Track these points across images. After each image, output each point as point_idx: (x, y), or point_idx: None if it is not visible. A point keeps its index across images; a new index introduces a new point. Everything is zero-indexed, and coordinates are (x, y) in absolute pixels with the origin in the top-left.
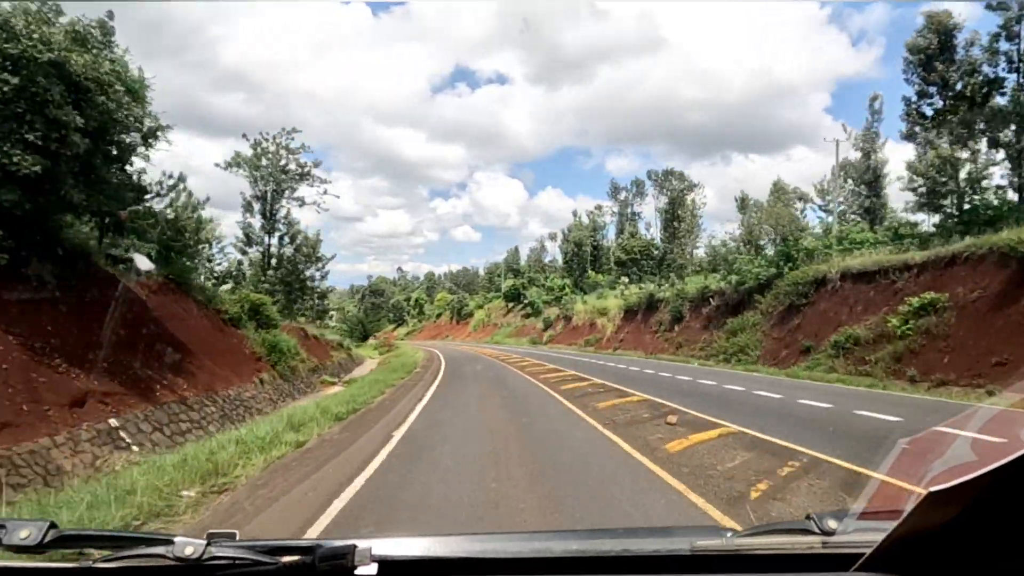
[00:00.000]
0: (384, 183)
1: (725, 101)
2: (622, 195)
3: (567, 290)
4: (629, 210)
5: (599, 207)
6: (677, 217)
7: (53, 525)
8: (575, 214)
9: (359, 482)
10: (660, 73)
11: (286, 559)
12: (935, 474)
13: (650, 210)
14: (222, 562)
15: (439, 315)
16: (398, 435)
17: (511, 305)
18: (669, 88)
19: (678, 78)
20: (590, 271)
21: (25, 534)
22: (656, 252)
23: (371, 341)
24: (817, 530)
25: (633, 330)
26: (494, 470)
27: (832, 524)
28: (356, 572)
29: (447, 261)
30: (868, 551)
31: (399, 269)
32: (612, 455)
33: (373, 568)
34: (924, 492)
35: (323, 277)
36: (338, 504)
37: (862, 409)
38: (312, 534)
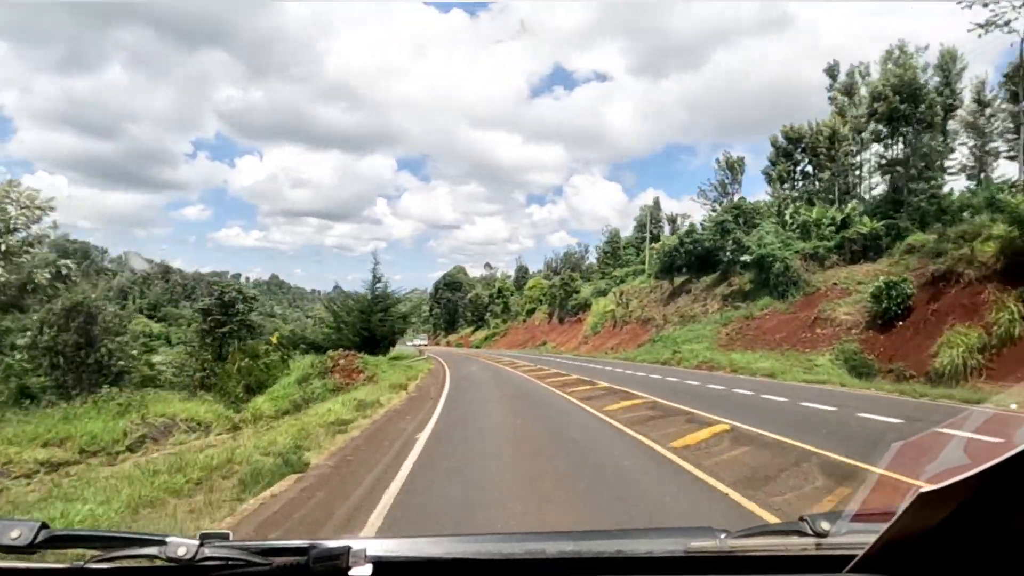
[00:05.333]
0: (481, 189)
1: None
2: None
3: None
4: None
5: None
6: None
7: (44, 525)
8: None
9: None
10: (782, 54)
11: (280, 560)
12: (929, 475)
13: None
14: (215, 563)
15: (531, 311)
16: None
17: (680, 281)
18: (791, 71)
19: (802, 58)
20: None
21: (15, 534)
22: None
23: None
24: (810, 531)
25: None
26: None
27: (825, 526)
28: (350, 573)
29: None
30: (861, 552)
31: (487, 265)
32: None
33: (368, 569)
34: (916, 493)
35: None
36: None
37: None
38: None
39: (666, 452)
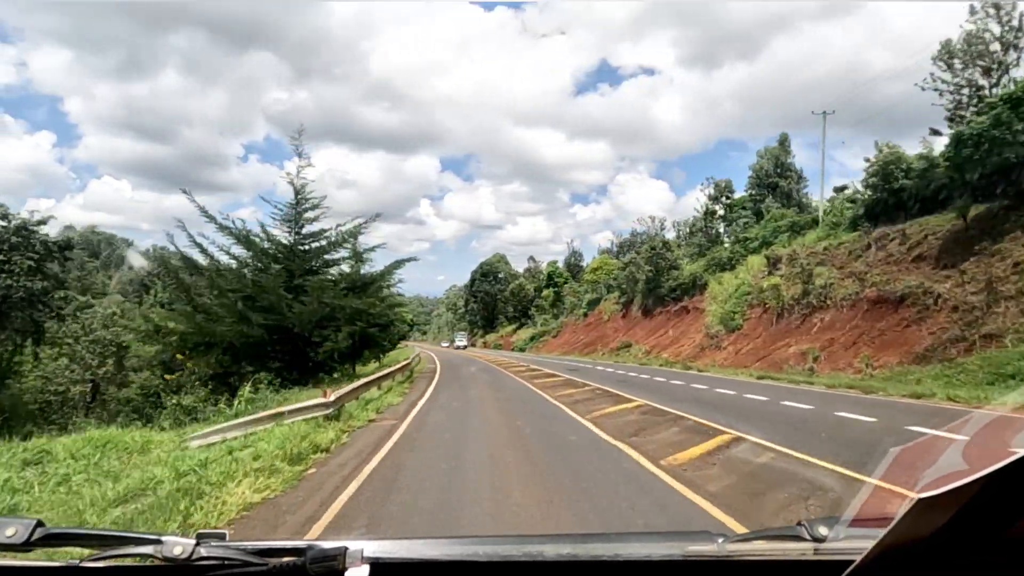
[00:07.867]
0: (524, 188)
1: (930, 65)
2: None
3: None
4: None
5: None
6: None
7: (40, 523)
8: None
9: None
10: (846, 41)
11: (276, 560)
12: (927, 481)
13: None
14: (211, 563)
15: (594, 303)
16: None
17: (976, 212)
18: (855, 58)
19: (868, 44)
20: None
21: (11, 532)
22: None
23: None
24: (808, 537)
25: None
26: None
27: (823, 531)
28: (347, 574)
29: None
30: (858, 558)
31: (531, 258)
32: None
33: (364, 570)
34: (914, 499)
35: None
36: None
37: None
38: None
39: None
